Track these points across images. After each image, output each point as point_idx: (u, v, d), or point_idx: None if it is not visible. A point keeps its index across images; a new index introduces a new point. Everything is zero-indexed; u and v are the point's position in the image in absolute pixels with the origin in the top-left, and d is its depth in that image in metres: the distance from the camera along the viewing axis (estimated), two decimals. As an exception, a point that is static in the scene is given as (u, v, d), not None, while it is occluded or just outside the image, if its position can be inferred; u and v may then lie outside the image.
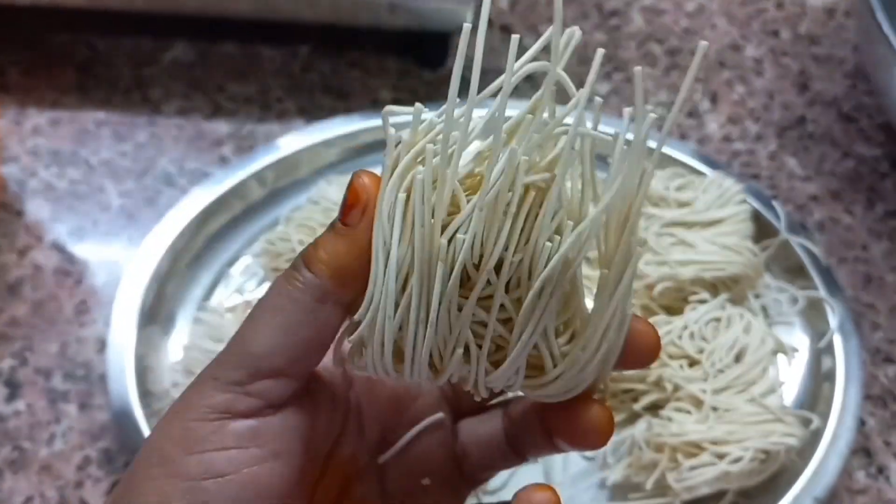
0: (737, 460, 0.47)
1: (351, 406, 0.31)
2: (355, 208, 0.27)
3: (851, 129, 0.69)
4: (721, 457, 0.47)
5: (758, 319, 0.53)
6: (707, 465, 0.47)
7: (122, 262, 0.57)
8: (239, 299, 0.55)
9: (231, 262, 0.57)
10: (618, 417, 0.51)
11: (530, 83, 0.69)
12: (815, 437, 0.51)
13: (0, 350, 0.53)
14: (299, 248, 0.51)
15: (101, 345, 0.53)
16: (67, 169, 0.61)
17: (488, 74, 0.77)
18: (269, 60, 0.69)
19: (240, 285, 0.56)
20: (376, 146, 0.62)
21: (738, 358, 0.51)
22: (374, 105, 0.67)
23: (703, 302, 0.53)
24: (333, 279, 0.26)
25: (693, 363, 0.51)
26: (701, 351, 0.51)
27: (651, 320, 0.53)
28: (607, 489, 0.50)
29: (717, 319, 0.52)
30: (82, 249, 0.58)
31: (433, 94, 0.67)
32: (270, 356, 0.26)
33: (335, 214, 0.41)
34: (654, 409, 0.51)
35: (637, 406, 0.51)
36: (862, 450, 0.53)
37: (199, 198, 0.57)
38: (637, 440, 0.49)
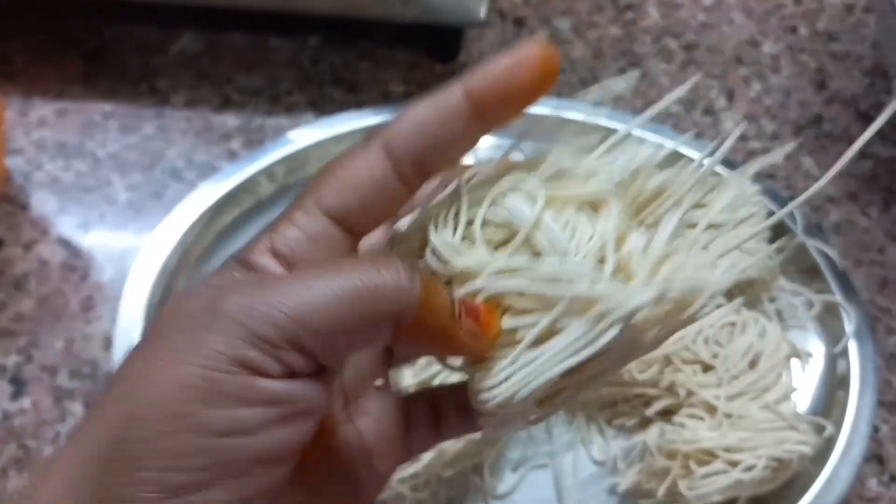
0: (750, 468, 0.46)
1: None
2: (483, 329, 0.24)
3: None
4: (734, 464, 0.47)
5: (772, 324, 0.52)
6: (719, 473, 0.47)
7: (129, 257, 0.56)
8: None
9: None
10: (629, 422, 0.51)
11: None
12: (828, 444, 0.50)
13: (5, 346, 0.52)
14: None
15: (108, 342, 0.53)
16: (73, 161, 0.61)
17: (501, 69, 0.74)
18: (278, 52, 0.68)
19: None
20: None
21: (752, 364, 0.51)
22: (384, 98, 0.66)
23: (718, 306, 0.52)
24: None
25: (707, 368, 0.50)
26: (715, 356, 0.50)
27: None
28: (617, 495, 0.49)
29: (732, 324, 0.52)
30: (89, 243, 0.57)
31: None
32: (318, 335, 0.22)
33: None
34: (666, 414, 0.50)
35: (649, 411, 0.50)
36: (875, 457, 0.53)
37: (208, 193, 0.57)
38: (649, 446, 0.48)
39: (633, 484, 0.49)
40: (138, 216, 0.58)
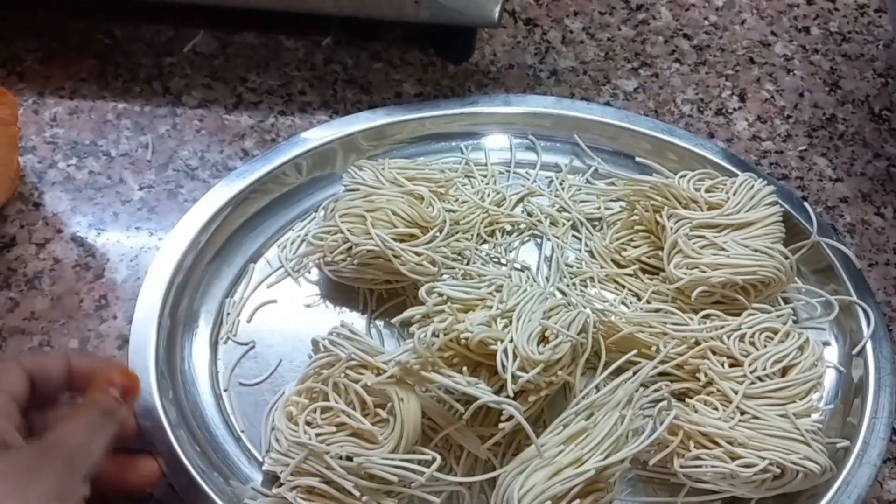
0: (748, 466, 0.45)
1: None
2: None
3: (883, 128, 0.67)
4: (733, 458, 0.46)
5: (816, 342, 0.52)
6: (715, 460, 0.46)
7: (144, 256, 0.56)
8: (262, 296, 0.55)
9: (255, 258, 0.56)
10: (646, 398, 0.49)
11: (554, 77, 0.68)
12: (846, 449, 0.50)
13: (19, 345, 0.52)
14: (351, 238, 0.51)
15: (123, 341, 0.52)
16: (87, 160, 0.60)
17: (513, 68, 0.75)
18: (291, 52, 0.68)
19: (260, 281, 0.56)
20: (402, 141, 0.61)
21: (783, 372, 0.50)
22: (398, 98, 0.65)
23: (764, 311, 0.52)
24: None
25: (735, 365, 0.50)
26: (746, 354, 0.50)
27: (703, 314, 0.52)
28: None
29: (774, 331, 0.51)
30: (102, 243, 0.57)
31: (457, 89, 0.66)
32: None
33: (377, 200, 0.55)
34: (682, 397, 0.50)
35: (666, 390, 0.49)
36: (893, 459, 0.52)
37: (222, 192, 0.56)
38: (654, 418, 0.47)
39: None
40: (152, 215, 0.58)
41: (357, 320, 0.54)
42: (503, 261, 0.57)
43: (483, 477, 0.45)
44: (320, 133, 0.60)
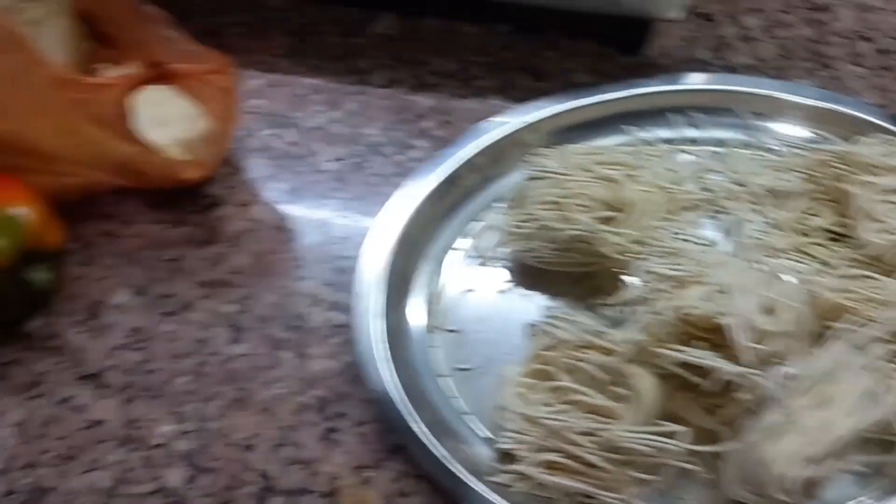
0: None
1: None
2: None
3: None
4: None
5: None
6: None
7: (332, 224, 0.60)
8: (460, 285, 0.57)
9: (446, 249, 0.59)
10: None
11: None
12: None
13: (225, 296, 0.57)
14: (555, 225, 0.53)
15: (313, 300, 0.57)
16: (284, 131, 0.65)
17: (686, 63, 0.75)
18: (469, 37, 0.71)
19: (458, 271, 0.58)
20: (576, 129, 0.63)
21: None
22: (571, 87, 0.67)
23: None
24: None
25: None
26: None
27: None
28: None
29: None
30: (297, 208, 0.61)
31: (630, 80, 0.68)
32: None
33: (567, 186, 0.57)
34: None
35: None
36: None
37: (412, 191, 0.59)
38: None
39: None
40: (342, 186, 0.62)
41: (551, 303, 0.56)
42: (688, 237, 0.58)
43: (732, 446, 0.46)
44: (501, 123, 0.62)
